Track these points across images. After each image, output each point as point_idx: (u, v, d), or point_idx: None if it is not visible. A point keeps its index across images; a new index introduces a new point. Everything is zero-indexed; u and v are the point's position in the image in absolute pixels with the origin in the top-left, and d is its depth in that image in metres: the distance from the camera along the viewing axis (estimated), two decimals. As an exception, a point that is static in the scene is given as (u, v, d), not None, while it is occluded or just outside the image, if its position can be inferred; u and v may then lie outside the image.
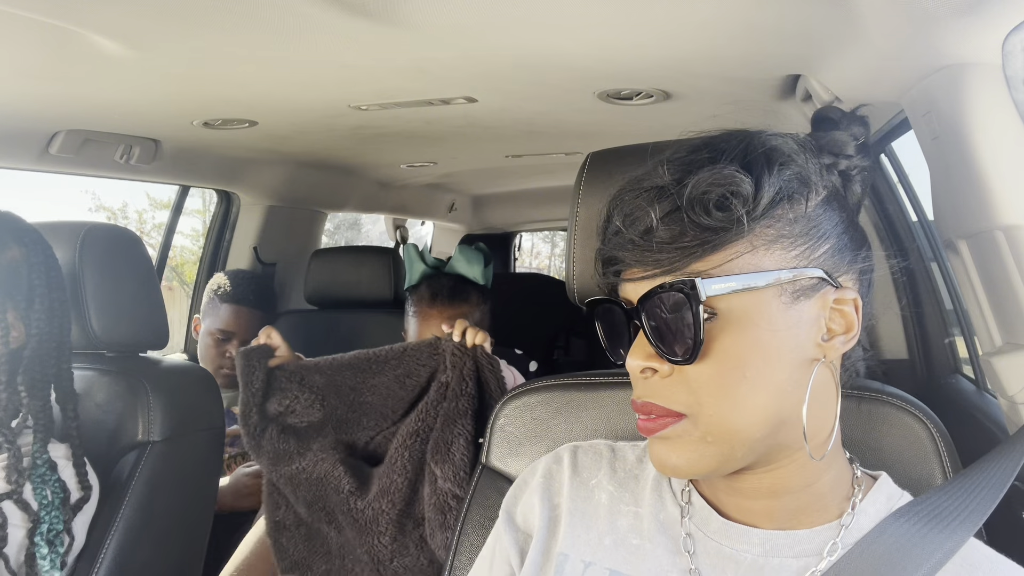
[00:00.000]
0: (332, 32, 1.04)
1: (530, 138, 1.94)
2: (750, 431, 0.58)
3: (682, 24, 1.01)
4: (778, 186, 0.57)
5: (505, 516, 0.76)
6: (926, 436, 0.78)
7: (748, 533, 0.63)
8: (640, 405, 0.61)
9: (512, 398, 0.94)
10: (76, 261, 1.22)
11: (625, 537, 0.68)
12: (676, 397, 0.59)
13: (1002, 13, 0.74)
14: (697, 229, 0.56)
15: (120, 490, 1.18)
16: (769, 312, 0.57)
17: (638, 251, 0.58)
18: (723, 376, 0.57)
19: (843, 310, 0.60)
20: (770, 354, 0.57)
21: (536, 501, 0.74)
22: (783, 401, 0.58)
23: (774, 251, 0.57)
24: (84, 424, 1.24)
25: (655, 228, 0.57)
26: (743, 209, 0.56)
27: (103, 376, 1.26)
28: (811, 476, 0.62)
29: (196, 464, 1.31)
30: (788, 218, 0.58)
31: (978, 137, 0.79)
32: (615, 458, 0.75)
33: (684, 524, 0.66)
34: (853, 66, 1.06)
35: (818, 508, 0.63)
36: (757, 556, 0.62)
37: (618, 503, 0.70)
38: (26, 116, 1.47)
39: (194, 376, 1.37)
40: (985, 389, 1.47)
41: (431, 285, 1.45)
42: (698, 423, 0.58)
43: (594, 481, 0.73)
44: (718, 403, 0.57)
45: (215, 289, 1.99)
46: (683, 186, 0.57)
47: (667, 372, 0.59)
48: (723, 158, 0.58)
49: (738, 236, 0.56)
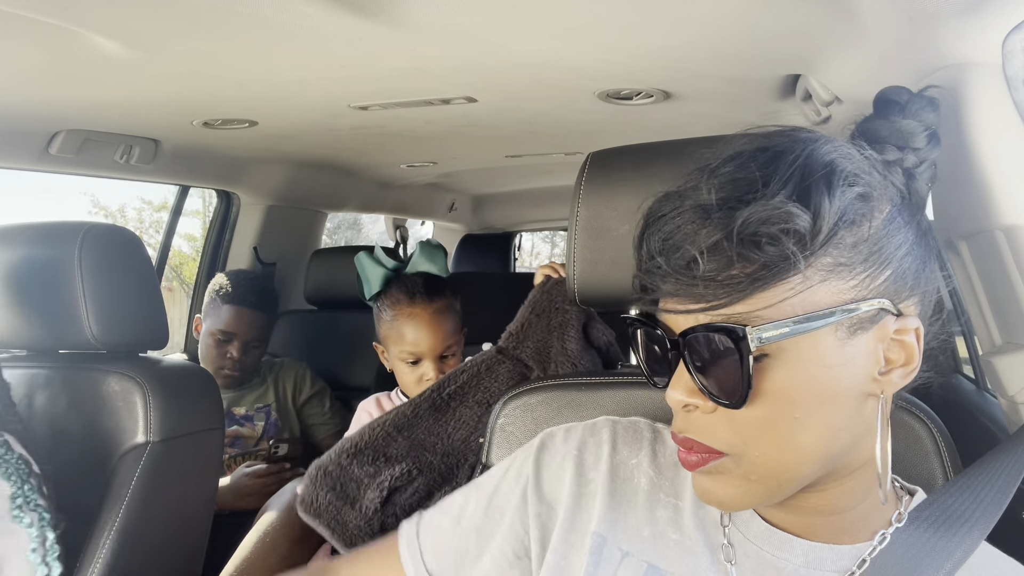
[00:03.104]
0: (332, 32, 1.04)
1: (530, 138, 1.94)
2: (798, 470, 0.55)
3: (682, 24, 1.01)
4: (839, 214, 0.52)
5: (534, 482, 0.70)
6: (926, 436, 0.78)
7: (791, 542, 0.60)
8: (681, 440, 0.57)
9: (512, 398, 0.94)
10: (76, 261, 1.22)
11: (664, 530, 0.64)
12: (719, 436, 0.55)
13: (1002, 13, 0.74)
14: (746, 263, 0.51)
15: (120, 490, 1.18)
16: (823, 349, 0.52)
17: (679, 284, 0.53)
18: (772, 418, 0.53)
19: (904, 340, 0.54)
20: (823, 394, 0.53)
21: (569, 472, 0.69)
22: (835, 440, 0.55)
23: (831, 283, 0.52)
24: (84, 424, 1.24)
25: (699, 260, 0.52)
26: (798, 246, 0.51)
27: (103, 376, 1.26)
28: (857, 499, 0.59)
29: (196, 464, 1.31)
30: (848, 243, 0.52)
31: (978, 137, 0.79)
32: (656, 440, 0.71)
33: (725, 524, 0.63)
34: (853, 66, 1.06)
35: (860, 527, 0.61)
36: (799, 567, 0.59)
37: (657, 491, 0.67)
38: (26, 116, 1.47)
39: (194, 376, 1.37)
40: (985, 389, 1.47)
41: (403, 286, 1.42)
42: (741, 463, 0.55)
43: (634, 461, 0.69)
44: (765, 445, 0.54)
45: (216, 289, 1.98)
46: (731, 217, 0.51)
47: (711, 408, 0.55)
48: (776, 179, 0.52)
49: (792, 272, 0.51)
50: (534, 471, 0.70)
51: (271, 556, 1.34)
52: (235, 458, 1.89)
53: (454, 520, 0.73)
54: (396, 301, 1.41)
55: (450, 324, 1.41)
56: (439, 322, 1.40)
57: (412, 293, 1.41)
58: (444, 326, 1.40)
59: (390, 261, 1.46)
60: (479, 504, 0.72)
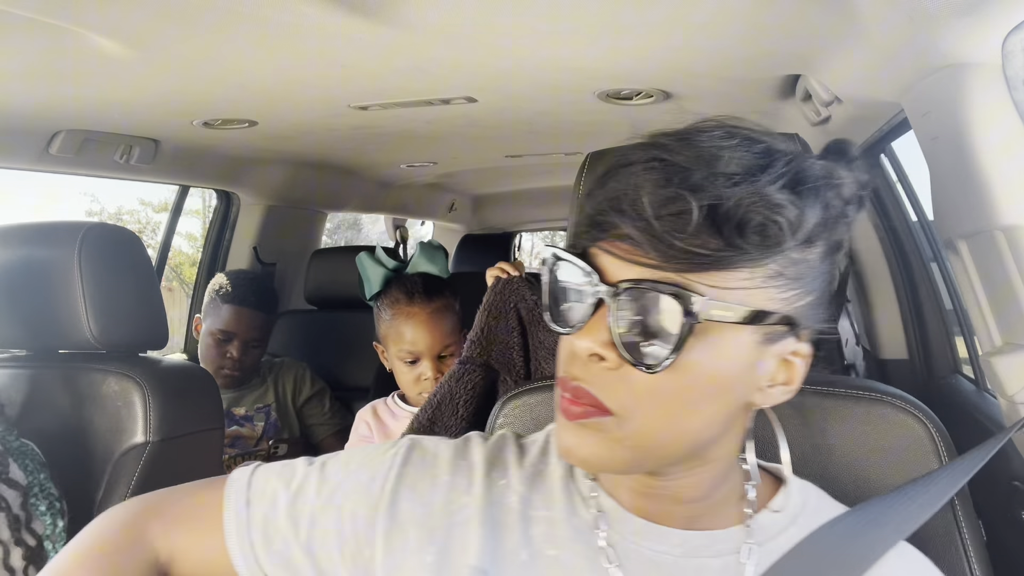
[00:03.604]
0: (332, 32, 1.04)
1: (530, 138, 1.94)
2: (670, 448, 0.56)
3: (682, 24, 1.01)
4: (810, 229, 0.53)
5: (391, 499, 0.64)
6: (926, 436, 0.78)
7: (667, 533, 0.61)
8: (572, 387, 0.56)
9: (512, 398, 0.94)
10: (76, 261, 1.22)
11: (541, 548, 0.62)
12: (613, 394, 0.54)
13: (1002, 13, 0.74)
14: (719, 239, 0.51)
15: (120, 490, 1.18)
16: (739, 347, 0.54)
17: (646, 233, 0.52)
18: (672, 392, 0.54)
19: (794, 362, 0.58)
20: (723, 386, 0.55)
21: (438, 497, 0.65)
22: (708, 430, 0.57)
23: (768, 288, 0.53)
24: (84, 424, 1.24)
25: (683, 219, 0.51)
26: (773, 242, 0.52)
27: (103, 376, 1.26)
28: (711, 488, 0.61)
29: (196, 464, 1.31)
30: (794, 258, 0.54)
31: (978, 137, 0.79)
32: (522, 454, 0.69)
33: (600, 528, 0.62)
34: (853, 66, 1.06)
35: (722, 513, 0.62)
36: (678, 557, 0.60)
37: (528, 508, 0.64)
38: (26, 116, 1.47)
39: (194, 376, 1.37)
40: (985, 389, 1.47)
41: (402, 285, 1.43)
42: (622, 425, 0.54)
43: (503, 481, 0.66)
44: (653, 415, 0.54)
45: (216, 289, 1.98)
46: (726, 190, 0.51)
47: (615, 365, 0.54)
48: (771, 172, 0.52)
49: (750, 264, 0.52)
50: (393, 487, 0.65)
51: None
52: (235, 458, 1.89)
53: (290, 498, 0.66)
54: (395, 300, 1.42)
55: (448, 324, 1.42)
56: (437, 322, 1.40)
57: (411, 293, 1.41)
58: (442, 326, 1.40)
59: (391, 261, 1.47)
60: (318, 491, 0.66)
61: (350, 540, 0.64)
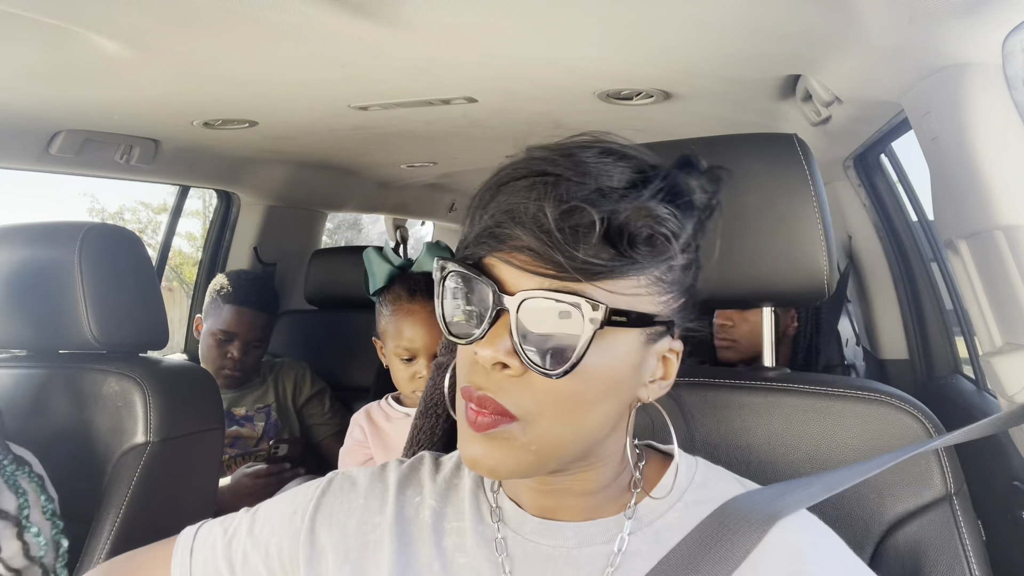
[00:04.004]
0: (332, 32, 1.04)
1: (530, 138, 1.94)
2: (571, 448, 0.59)
3: (682, 24, 1.01)
4: (689, 235, 0.58)
5: (308, 526, 0.69)
6: (926, 436, 0.78)
7: (562, 528, 0.64)
8: (478, 397, 0.57)
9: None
10: (76, 261, 1.22)
11: (453, 557, 0.66)
12: (518, 400, 0.56)
13: (1002, 13, 0.74)
14: (611, 250, 0.54)
15: (120, 490, 1.18)
16: (629, 349, 0.58)
17: (547, 244, 0.54)
18: (573, 394, 0.56)
19: (670, 359, 0.63)
20: (616, 385, 0.59)
21: (353, 521, 0.69)
22: (603, 428, 0.60)
23: (651, 293, 0.58)
24: (84, 424, 1.24)
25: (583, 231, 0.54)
26: (659, 252, 0.56)
27: (103, 376, 1.26)
28: (607, 479, 0.64)
29: (196, 464, 1.31)
30: (669, 265, 0.58)
31: (978, 137, 0.79)
32: (437, 470, 0.73)
33: (500, 529, 0.66)
34: (853, 66, 1.06)
35: (615, 498, 0.65)
36: (572, 548, 0.63)
37: (441, 520, 0.68)
38: (26, 116, 1.47)
39: (194, 376, 1.37)
40: (985, 389, 1.47)
41: (405, 283, 1.45)
42: (527, 430, 0.57)
43: (417, 499, 0.70)
44: (556, 418, 0.57)
45: (218, 289, 1.99)
46: (619, 204, 0.54)
47: (518, 372, 0.56)
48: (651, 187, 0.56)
49: (637, 272, 0.56)
50: (311, 516, 0.70)
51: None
52: (235, 458, 1.89)
53: (226, 541, 0.72)
54: (397, 297, 1.44)
55: None
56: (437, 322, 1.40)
57: (413, 291, 1.43)
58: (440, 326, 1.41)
59: (397, 259, 1.49)
60: (250, 531, 0.72)
61: (277, 572, 0.69)
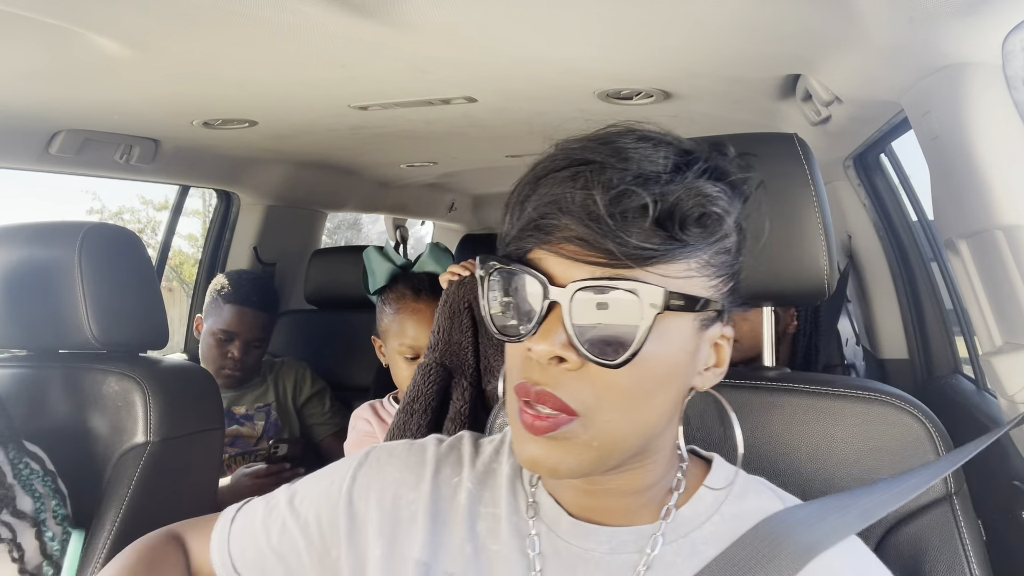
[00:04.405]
0: (332, 32, 1.04)
1: (530, 138, 1.94)
2: (631, 442, 0.58)
3: (682, 24, 1.01)
4: (738, 214, 0.57)
5: (347, 499, 0.69)
6: (926, 436, 0.78)
7: (596, 532, 0.62)
8: (536, 393, 0.55)
9: (512, 398, 0.94)
10: (76, 261, 1.22)
11: (485, 543, 0.65)
12: (578, 394, 0.55)
13: (1002, 13, 0.74)
14: (664, 235, 0.53)
15: (120, 490, 1.18)
16: (684, 335, 0.57)
17: (598, 232, 0.52)
18: (633, 386, 0.55)
19: (723, 345, 0.61)
20: (673, 374, 0.57)
21: (389, 494, 0.68)
22: (661, 419, 0.59)
23: (702, 276, 0.56)
24: (84, 424, 1.24)
25: (635, 216, 0.52)
26: (712, 232, 0.55)
27: (103, 376, 1.26)
28: (655, 479, 0.63)
29: (196, 464, 1.31)
30: (719, 248, 0.57)
31: (978, 137, 0.79)
32: (477, 453, 0.71)
33: (535, 524, 0.65)
34: (853, 66, 1.06)
35: (655, 503, 0.64)
36: (604, 553, 0.62)
37: (477, 504, 0.67)
38: (26, 116, 1.47)
39: (194, 376, 1.37)
40: (985, 389, 1.47)
41: (409, 282, 1.46)
42: (588, 426, 0.55)
43: (456, 480, 0.69)
44: (616, 411, 0.55)
45: (218, 289, 1.99)
46: (668, 187, 0.53)
47: (575, 365, 0.54)
48: (695, 169, 0.55)
49: (688, 255, 0.55)
50: (348, 487, 0.70)
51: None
52: (235, 458, 1.89)
53: (267, 511, 0.74)
54: (401, 296, 1.44)
55: None
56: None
57: (418, 290, 1.43)
58: None
59: (399, 258, 1.49)
60: (289, 502, 0.73)
61: (316, 543, 0.69)
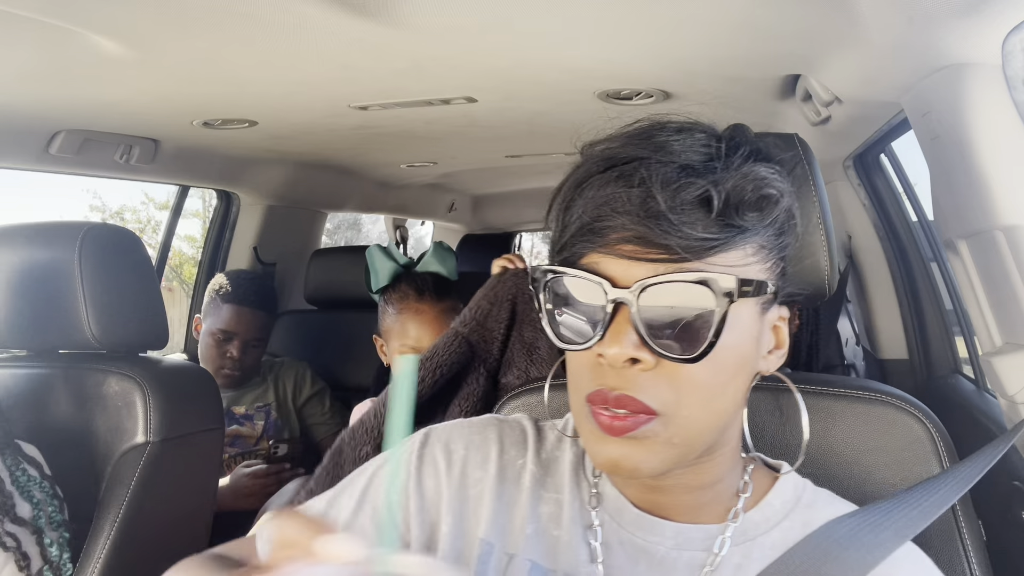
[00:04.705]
0: (332, 32, 1.04)
1: (530, 138, 1.94)
2: (709, 435, 0.57)
3: (682, 24, 1.01)
4: (789, 193, 0.57)
5: (416, 477, 0.67)
6: (926, 436, 0.78)
7: (661, 525, 0.61)
8: (615, 398, 0.54)
9: (512, 397, 0.94)
10: (76, 261, 1.22)
11: (547, 527, 0.64)
12: (657, 393, 0.54)
13: (1002, 13, 0.74)
14: (721, 223, 0.53)
15: (120, 490, 1.18)
16: (749, 321, 0.56)
17: (649, 228, 0.52)
18: (709, 378, 0.54)
19: (781, 327, 0.61)
20: (744, 360, 0.57)
21: (456, 471, 0.67)
22: (733, 408, 0.58)
23: (758, 261, 0.56)
24: (84, 424, 1.24)
25: (695, 208, 0.52)
26: (768, 213, 0.54)
27: (103, 376, 1.26)
28: (722, 473, 0.62)
29: (196, 464, 1.31)
30: (772, 230, 0.57)
31: (978, 137, 0.79)
32: (540, 437, 0.71)
33: (597, 514, 0.64)
34: (853, 66, 1.06)
35: (721, 502, 0.63)
36: (669, 549, 0.61)
37: (540, 488, 0.66)
38: (26, 116, 1.47)
39: (194, 376, 1.37)
40: (985, 389, 1.47)
41: (412, 282, 1.45)
42: (669, 424, 0.54)
43: (520, 461, 0.68)
44: (694, 405, 0.55)
45: (217, 289, 1.99)
46: (721, 174, 0.53)
47: (651, 365, 0.54)
48: (740, 153, 0.55)
49: (745, 241, 0.54)
50: (417, 466, 0.68)
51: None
52: (235, 458, 1.89)
53: (321, 512, 0.70)
54: (404, 296, 1.43)
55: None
56: (443, 322, 1.41)
57: (421, 290, 1.43)
58: (446, 327, 1.41)
59: (402, 257, 1.48)
60: (351, 497, 0.69)
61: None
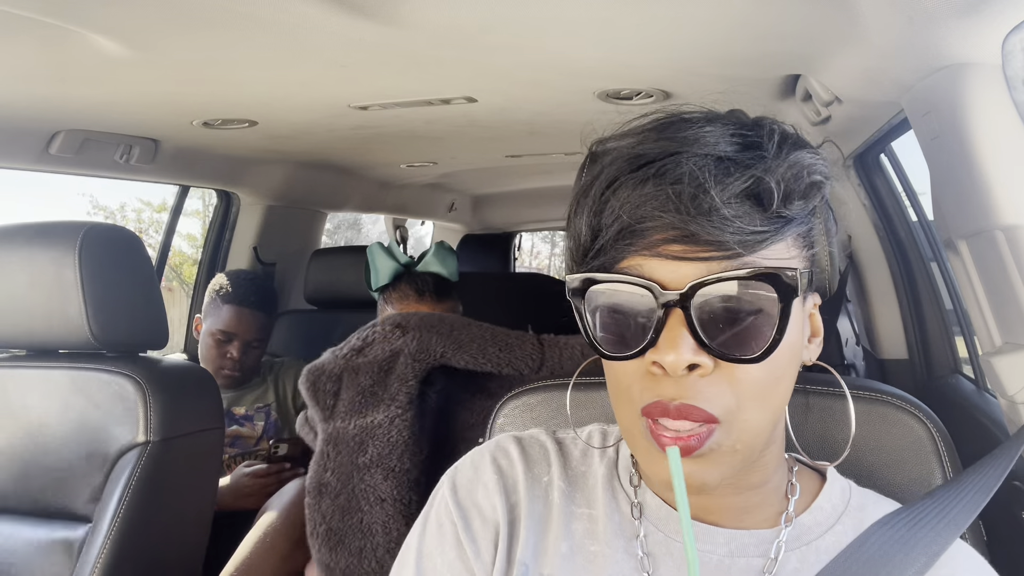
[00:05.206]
0: (332, 32, 1.04)
1: (530, 138, 1.94)
2: (766, 435, 0.54)
3: (682, 24, 1.01)
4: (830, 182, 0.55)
5: (463, 524, 0.63)
6: (926, 436, 0.78)
7: (712, 532, 0.59)
8: (676, 408, 0.51)
9: (512, 398, 0.94)
10: (76, 261, 1.22)
11: (582, 543, 0.61)
12: (719, 400, 0.51)
13: (1002, 13, 0.74)
14: (768, 214, 0.50)
15: (120, 490, 1.18)
16: (796, 312, 0.53)
17: (699, 224, 0.49)
18: (768, 376, 0.52)
19: (815, 313, 0.59)
20: (795, 353, 0.54)
21: (499, 500, 0.63)
22: (785, 402, 0.56)
23: (799, 248, 0.54)
24: (84, 424, 1.24)
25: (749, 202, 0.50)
26: (810, 203, 0.52)
27: (103, 376, 1.26)
28: (769, 473, 0.60)
29: (196, 464, 1.31)
30: (813, 218, 0.55)
31: (978, 137, 0.79)
32: (562, 451, 0.67)
33: (642, 525, 0.61)
34: (853, 66, 1.06)
35: (768, 504, 0.60)
36: (723, 556, 0.58)
37: (570, 504, 0.63)
38: (26, 116, 1.47)
39: (194, 376, 1.37)
40: (985, 389, 1.47)
41: (412, 282, 1.44)
42: (731, 431, 0.52)
43: (546, 478, 0.65)
44: (754, 406, 0.52)
45: (216, 289, 1.98)
46: (767, 164, 0.51)
47: (710, 369, 0.51)
48: (773, 142, 0.53)
49: (791, 230, 0.52)
50: (458, 514, 0.64)
51: (271, 557, 1.34)
52: (235, 458, 1.89)
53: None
54: (404, 295, 1.43)
55: None
56: None
57: (422, 290, 1.42)
58: None
59: (403, 256, 1.48)
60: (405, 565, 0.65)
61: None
